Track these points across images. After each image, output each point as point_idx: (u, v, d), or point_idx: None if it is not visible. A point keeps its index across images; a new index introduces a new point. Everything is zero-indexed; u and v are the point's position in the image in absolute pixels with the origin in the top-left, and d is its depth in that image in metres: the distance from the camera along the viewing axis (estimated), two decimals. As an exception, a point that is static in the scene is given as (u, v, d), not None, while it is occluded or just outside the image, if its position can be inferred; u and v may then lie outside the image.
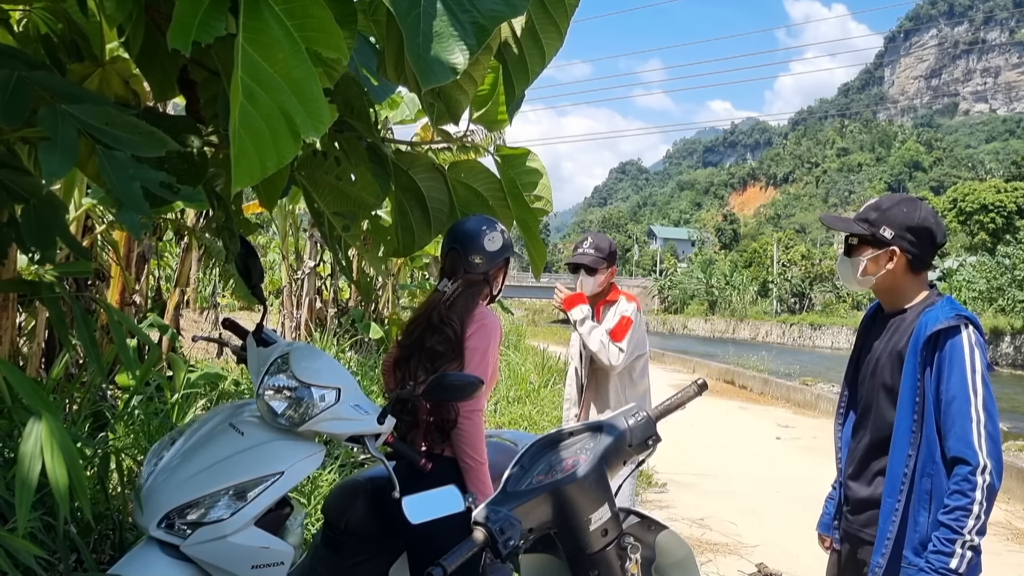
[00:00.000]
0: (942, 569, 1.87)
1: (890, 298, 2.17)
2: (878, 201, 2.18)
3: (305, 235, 8.89)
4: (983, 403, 1.92)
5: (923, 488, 1.98)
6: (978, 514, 1.86)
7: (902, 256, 2.08)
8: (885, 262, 2.10)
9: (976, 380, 1.93)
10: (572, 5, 1.92)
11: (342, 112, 2.22)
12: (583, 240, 3.64)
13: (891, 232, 2.07)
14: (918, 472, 1.99)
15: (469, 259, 2.39)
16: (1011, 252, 33.35)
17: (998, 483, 1.89)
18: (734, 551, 5.08)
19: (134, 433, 3.45)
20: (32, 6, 1.95)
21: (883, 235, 2.08)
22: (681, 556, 1.84)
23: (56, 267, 2.34)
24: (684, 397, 2.04)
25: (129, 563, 1.94)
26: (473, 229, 2.42)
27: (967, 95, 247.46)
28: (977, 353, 1.95)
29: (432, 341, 2.33)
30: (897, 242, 2.07)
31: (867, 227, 2.11)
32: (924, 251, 2.09)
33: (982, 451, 1.88)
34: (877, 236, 2.09)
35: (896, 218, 2.08)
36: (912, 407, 2.00)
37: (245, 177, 1.25)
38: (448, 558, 1.39)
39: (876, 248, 2.10)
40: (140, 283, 4.89)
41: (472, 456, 2.26)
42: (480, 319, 2.35)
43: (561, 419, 7.64)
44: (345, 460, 4.38)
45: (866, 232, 2.10)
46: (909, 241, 2.07)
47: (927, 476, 1.98)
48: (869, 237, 2.10)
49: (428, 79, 1.34)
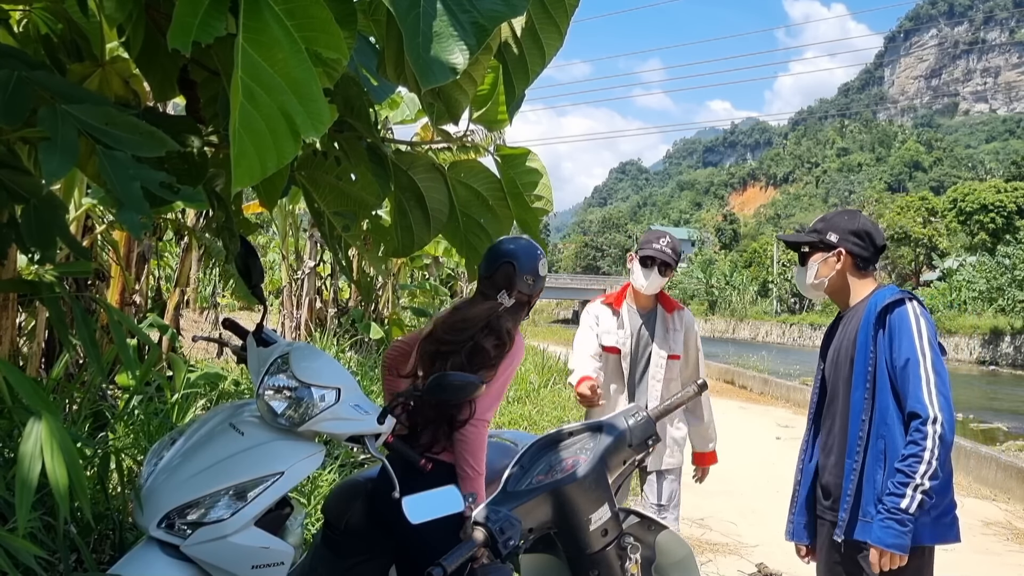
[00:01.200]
0: (894, 509, 2.07)
1: (842, 298, 2.41)
2: (824, 215, 2.48)
3: (305, 235, 8.89)
4: (932, 364, 2.13)
5: (878, 448, 2.19)
6: (929, 460, 2.05)
7: (848, 257, 2.35)
8: (834, 263, 2.37)
9: (924, 344, 2.15)
10: (572, 5, 1.92)
11: (342, 112, 2.22)
12: (658, 237, 3.47)
13: (836, 236, 2.36)
14: (872, 434, 2.21)
15: (523, 278, 2.46)
16: (1011, 252, 33.33)
17: (950, 436, 2.08)
18: (734, 551, 5.08)
19: (134, 433, 3.45)
20: (32, 6, 1.95)
21: (829, 239, 2.37)
22: (681, 556, 1.84)
23: (56, 267, 2.34)
24: (684, 397, 2.04)
25: (129, 563, 1.94)
26: (530, 250, 2.50)
27: (967, 95, 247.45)
28: (923, 322, 2.18)
29: (485, 340, 2.36)
30: (842, 244, 2.35)
31: (815, 236, 2.40)
32: (867, 250, 2.35)
33: (933, 405, 2.08)
34: (824, 241, 2.38)
35: (839, 224, 2.38)
36: (864, 376, 2.23)
37: (245, 177, 1.25)
38: (448, 558, 1.39)
39: (825, 252, 2.38)
40: (140, 283, 4.89)
41: (471, 465, 2.26)
42: (516, 341, 2.44)
43: (561, 419, 7.66)
44: (345, 460, 4.37)
45: (815, 239, 2.39)
46: (853, 242, 2.34)
47: (880, 437, 2.19)
48: (818, 243, 2.39)
49: (428, 79, 1.34)
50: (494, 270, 2.49)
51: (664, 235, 3.49)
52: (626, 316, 3.48)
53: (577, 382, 3.29)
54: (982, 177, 67.78)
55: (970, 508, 6.46)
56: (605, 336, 3.48)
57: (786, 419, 11.34)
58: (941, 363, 2.15)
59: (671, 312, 3.50)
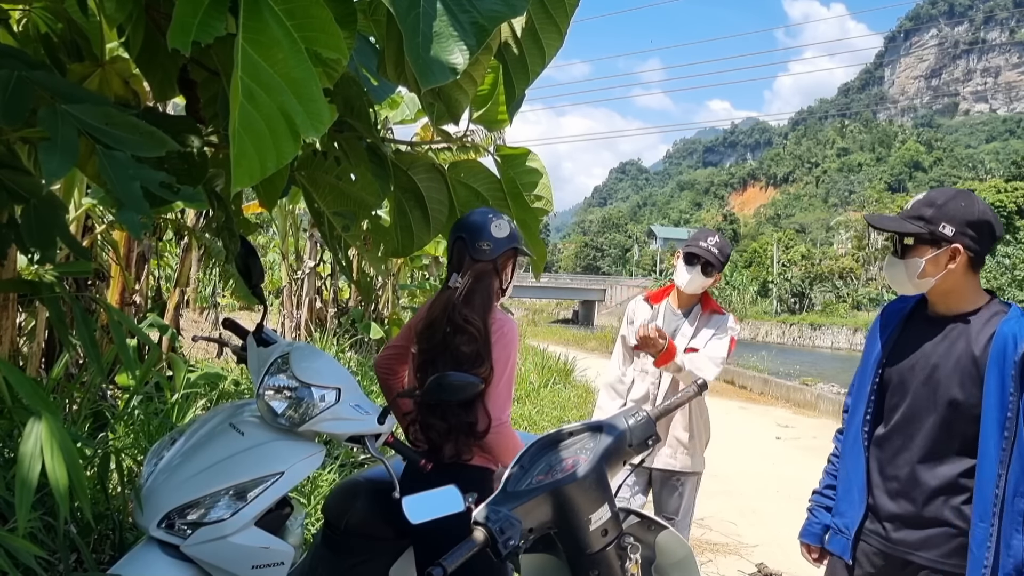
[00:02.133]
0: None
1: (950, 301, 2.00)
2: (930, 196, 2.00)
3: (305, 235, 8.89)
4: None
5: (1016, 509, 1.83)
6: None
7: (964, 254, 1.92)
8: (946, 262, 1.93)
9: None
10: (572, 5, 1.92)
11: (342, 112, 2.22)
12: (706, 235, 3.31)
13: (952, 229, 1.91)
14: (1009, 493, 1.84)
15: (476, 246, 2.27)
16: (1011, 252, 33.37)
17: None
18: (734, 551, 5.08)
19: (134, 433, 3.45)
20: (32, 6, 1.95)
21: (943, 232, 1.92)
22: (681, 556, 1.84)
23: (56, 267, 2.34)
24: (684, 397, 2.04)
25: (129, 563, 1.94)
26: (479, 217, 2.32)
27: (967, 95, 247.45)
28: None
29: (458, 342, 2.22)
30: (959, 239, 1.91)
31: (924, 225, 1.94)
32: (985, 247, 1.94)
33: None
34: (936, 234, 1.92)
35: (956, 213, 1.92)
36: (1002, 425, 1.85)
37: (245, 177, 1.25)
38: (448, 558, 1.39)
39: (935, 247, 1.93)
40: (140, 283, 4.89)
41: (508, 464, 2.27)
42: (500, 326, 2.26)
43: (561, 419, 7.65)
44: (345, 460, 4.37)
45: (923, 231, 1.94)
46: (971, 237, 1.91)
47: (1020, 495, 1.82)
48: (927, 236, 1.94)
49: (428, 79, 1.34)
50: (449, 254, 2.36)
51: (713, 234, 3.34)
52: (662, 313, 3.39)
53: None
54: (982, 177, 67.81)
55: (970, 508, 6.46)
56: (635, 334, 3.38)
57: (786, 419, 11.34)
58: None
59: (710, 314, 3.36)
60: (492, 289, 2.30)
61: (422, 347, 2.31)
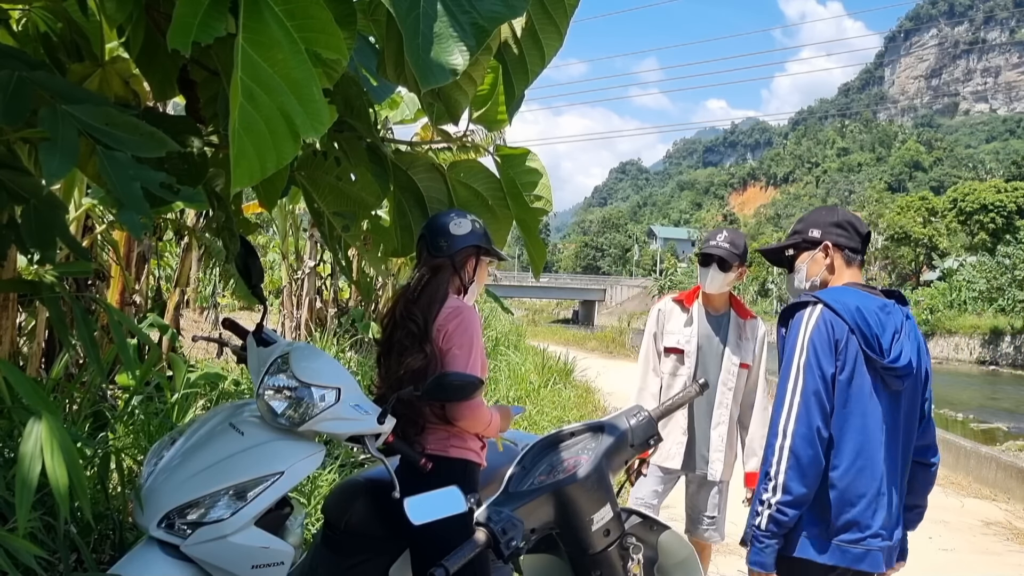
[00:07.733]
0: (750, 527, 1.98)
1: None
2: (800, 217, 2.36)
3: (305, 235, 8.88)
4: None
5: None
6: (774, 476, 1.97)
7: (836, 249, 2.20)
8: (823, 259, 2.22)
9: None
10: (572, 5, 1.92)
11: (342, 112, 2.22)
12: (715, 234, 3.31)
13: (819, 231, 2.22)
14: None
15: (434, 243, 2.33)
16: (1011, 252, 33.36)
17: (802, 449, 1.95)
18: (734, 551, 5.07)
19: (134, 433, 3.44)
20: (32, 6, 1.95)
21: (812, 236, 2.23)
22: (683, 556, 1.84)
23: (56, 267, 2.34)
24: (685, 397, 2.04)
25: (129, 563, 1.94)
26: (442, 217, 2.38)
27: (967, 95, 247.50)
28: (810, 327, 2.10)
29: (398, 335, 2.30)
30: (827, 237, 2.20)
31: (797, 236, 2.27)
32: (853, 240, 2.21)
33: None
34: (807, 239, 2.23)
35: (819, 219, 2.25)
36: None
37: (245, 177, 1.25)
38: (450, 559, 1.39)
39: (811, 250, 2.23)
40: (140, 283, 4.89)
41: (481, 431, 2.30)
42: (456, 313, 2.26)
43: (561, 419, 7.64)
44: (345, 460, 4.37)
45: (798, 240, 2.26)
46: (837, 234, 2.20)
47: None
48: (802, 243, 2.25)
49: (428, 80, 1.34)
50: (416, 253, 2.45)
51: (722, 230, 3.34)
52: (696, 316, 3.35)
53: None
54: (982, 177, 67.78)
55: (970, 508, 6.46)
56: (668, 336, 3.35)
57: (786, 419, 11.31)
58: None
59: (744, 319, 3.37)
60: (446, 285, 2.33)
61: (378, 340, 2.44)
